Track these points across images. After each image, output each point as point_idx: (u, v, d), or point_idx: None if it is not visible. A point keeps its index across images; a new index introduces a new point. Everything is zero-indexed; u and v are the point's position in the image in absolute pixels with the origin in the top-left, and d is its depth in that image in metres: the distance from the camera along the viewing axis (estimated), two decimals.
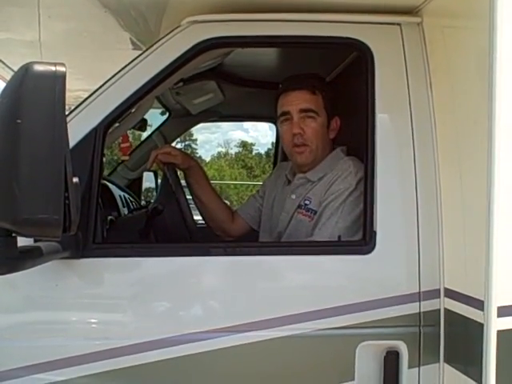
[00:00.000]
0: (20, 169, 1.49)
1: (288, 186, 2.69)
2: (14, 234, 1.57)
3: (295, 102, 2.52)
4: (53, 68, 1.50)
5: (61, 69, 1.51)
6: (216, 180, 24.21)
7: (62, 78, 1.51)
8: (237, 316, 2.06)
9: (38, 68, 1.51)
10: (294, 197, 2.58)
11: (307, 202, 2.49)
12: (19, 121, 1.48)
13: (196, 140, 34.21)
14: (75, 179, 1.59)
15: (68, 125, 1.58)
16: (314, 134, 2.51)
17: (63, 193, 1.53)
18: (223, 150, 38.48)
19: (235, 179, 30.83)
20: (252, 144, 38.03)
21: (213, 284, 2.15)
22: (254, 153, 37.40)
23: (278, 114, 2.61)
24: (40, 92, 1.49)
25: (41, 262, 1.78)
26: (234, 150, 38.29)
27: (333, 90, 2.62)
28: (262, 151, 35.42)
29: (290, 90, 2.55)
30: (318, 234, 2.34)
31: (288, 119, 2.54)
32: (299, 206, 2.52)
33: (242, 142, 38.03)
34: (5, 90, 1.54)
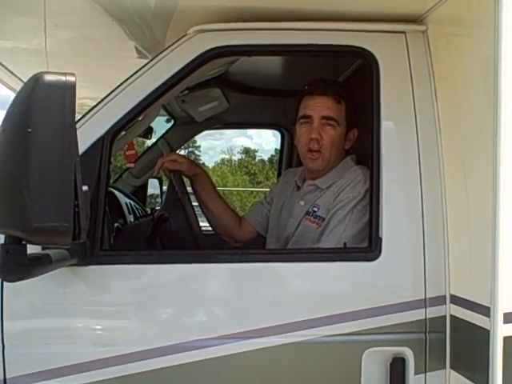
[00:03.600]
0: (30, 177, 1.51)
1: (297, 191, 2.69)
2: (24, 242, 1.58)
3: (319, 107, 2.52)
4: (63, 78, 1.52)
5: (71, 79, 1.53)
6: (219, 186, 24.21)
7: (72, 87, 1.53)
8: (243, 322, 2.07)
9: (49, 78, 1.52)
10: (302, 203, 2.59)
11: (315, 209, 2.50)
12: (30, 130, 1.50)
13: (200, 147, 34.25)
14: (84, 187, 1.61)
15: None
16: (330, 142, 2.51)
17: (73, 201, 1.55)
18: (227, 156, 38.53)
19: (238, 186, 30.83)
20: (255, 150, 38.10)
21: (219, 291, 2.16)
22: (257, 159, 37.45)
23: (298, 115, 2.60)
24: (50, 101, 1.51)
25: (50, 269, 1.80)
26: (237, 157, 38.35)
27: (355, 101, 2.61)
28: (266, 158, 35.48)
29: (316, 94, 2.54)
30: (325, 241, 2.35)
31: (308, 122, 2.54)
32: (307, 213, 2.53)
33: (245, 148, 38.10)
34: (15, 99, 1.55)
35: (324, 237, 2.37)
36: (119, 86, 2.17)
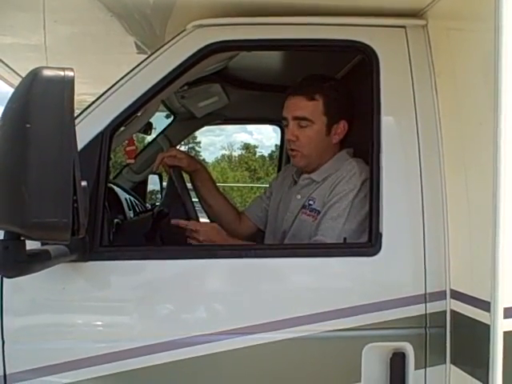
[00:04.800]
0: (29, 173, 1.50)
1: (294, 186, 2.70)
2: (22, 238, 1.58)
3: (291, 108, 2.52)
4: (61, 73, 1.52)
5: (69, 73, 1.52)
6: (219, 182, 24.21)
7: (70, 82, 1.52)
8: (243, 318, 2.07)
9: (47, 73, 1.52)
10: (299, 197, 2.59)
11: (311, 202, 2.50)
12: (28, 125, 1.49)
13: (200, 142, 34.30)
14: (83, 183, 1.60)
15: None
16: (307, 142, 2.51)
17: (72, 196, 1.54)
18: (227, 152, 38.61)
19: (238, 182, 30.87)
20: (255, 146, 38.17)
21: (218, 286, 2.16)
22: (257, 155, 37.53)
23: None
24: (49, 97, 1.51)
25: (49, 265, 1.79)
26: (237, 153, 38.44)
27: (340, 92, 2.59)
28: (266, 153, 35.57)
29: (290, 94, 2.54)
30: (325, 236, 2.33)
31: (286, 124, 2.56)
32: (303, 206, 2.53)
33: (246, 144, 38.18)
34: (14, 94, 1.55)
35: (323, 231, 2.35)
36: (118, 81, 2.16)
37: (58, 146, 1.52)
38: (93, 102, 2.14)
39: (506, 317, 1.74)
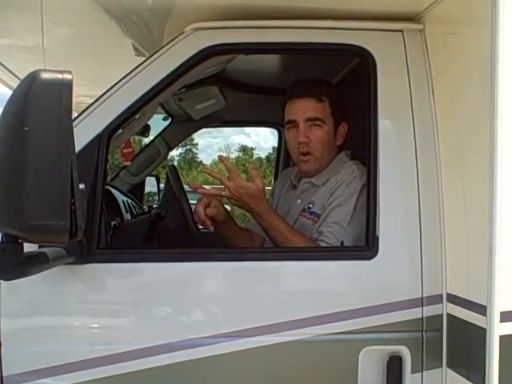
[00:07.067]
0: (27, 175, 1.50)
1: (293, 190, 2.69)
2: (20, 240, 1.58)
3: (301, 110, 2.50)
4: (60, 75, 1.52)
5: (67, 76, 1.52)
6: (216, 185, 24.10)
7: (68, 85, 1.52)
8: (240, 321, 2.06)
9: (45, 75, 1.52)
10: (299, 201, 2.58)
11: (310, 206, 2.49)
12: (26, 128, 1.49)
13: (197, 144, 34.27)
14: (81, 185, 1.60)
15: None
16: (319, 143, 2.50)
17: (69, 199, 1.54)
18: (224, 154, 38.56)
19: None
20: (253, 149, 38.18)
21: (216, 289, 2.15)
22: (254, 157, 37.55)
23: (285, 121, 2.59)
24: (47, 99, 1.50)
25: (47, 267, 1.79)
26: (235, 155, 38.45)
27: (340, 95, 2.60)
28: (263, 156, 35.59)
29: (297, 97, 2.52)
30: (329, 239, 2.31)
31: (294, 127, 2.53)
32: (303, 210, 2.52)
33: (243, 146, 38.19)
34: (12, 97, 1.55)
35: (325, 233, 2.33)
36: (116, 83, 2.16)
37: (56, 149, 1.52)
38: (91, 105, 2.14)
39: (502, 321, 1.74)
